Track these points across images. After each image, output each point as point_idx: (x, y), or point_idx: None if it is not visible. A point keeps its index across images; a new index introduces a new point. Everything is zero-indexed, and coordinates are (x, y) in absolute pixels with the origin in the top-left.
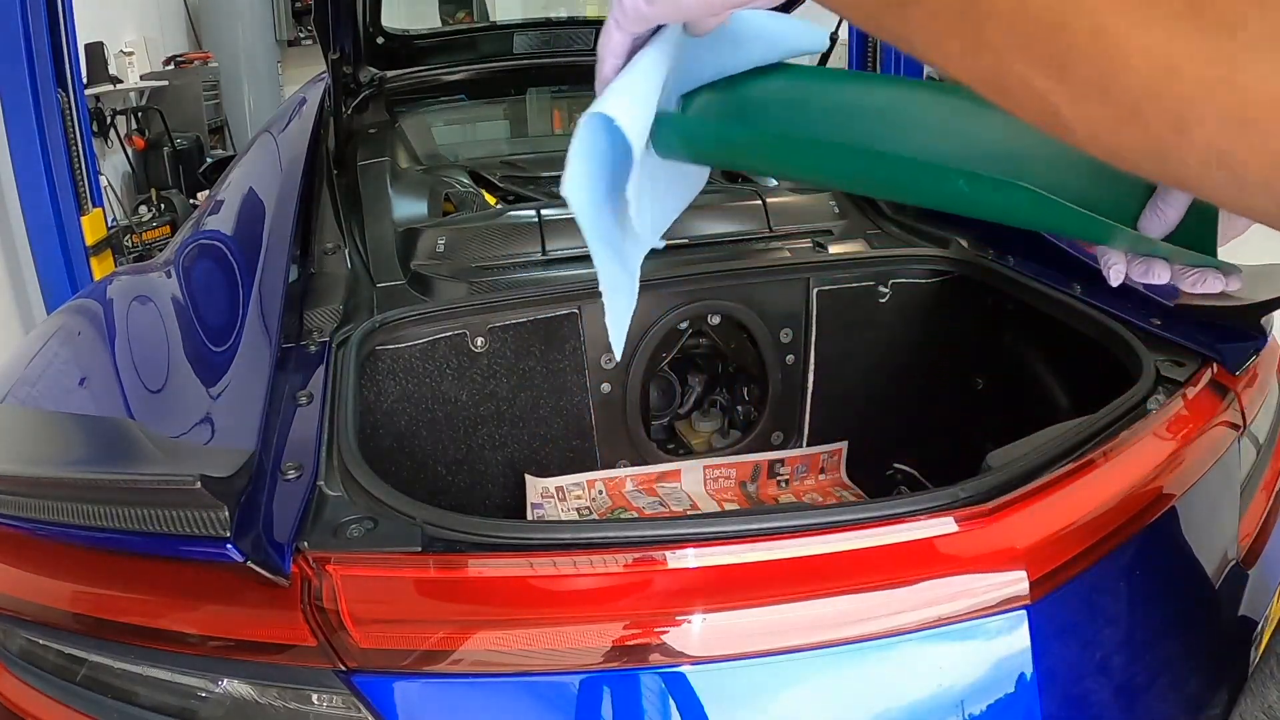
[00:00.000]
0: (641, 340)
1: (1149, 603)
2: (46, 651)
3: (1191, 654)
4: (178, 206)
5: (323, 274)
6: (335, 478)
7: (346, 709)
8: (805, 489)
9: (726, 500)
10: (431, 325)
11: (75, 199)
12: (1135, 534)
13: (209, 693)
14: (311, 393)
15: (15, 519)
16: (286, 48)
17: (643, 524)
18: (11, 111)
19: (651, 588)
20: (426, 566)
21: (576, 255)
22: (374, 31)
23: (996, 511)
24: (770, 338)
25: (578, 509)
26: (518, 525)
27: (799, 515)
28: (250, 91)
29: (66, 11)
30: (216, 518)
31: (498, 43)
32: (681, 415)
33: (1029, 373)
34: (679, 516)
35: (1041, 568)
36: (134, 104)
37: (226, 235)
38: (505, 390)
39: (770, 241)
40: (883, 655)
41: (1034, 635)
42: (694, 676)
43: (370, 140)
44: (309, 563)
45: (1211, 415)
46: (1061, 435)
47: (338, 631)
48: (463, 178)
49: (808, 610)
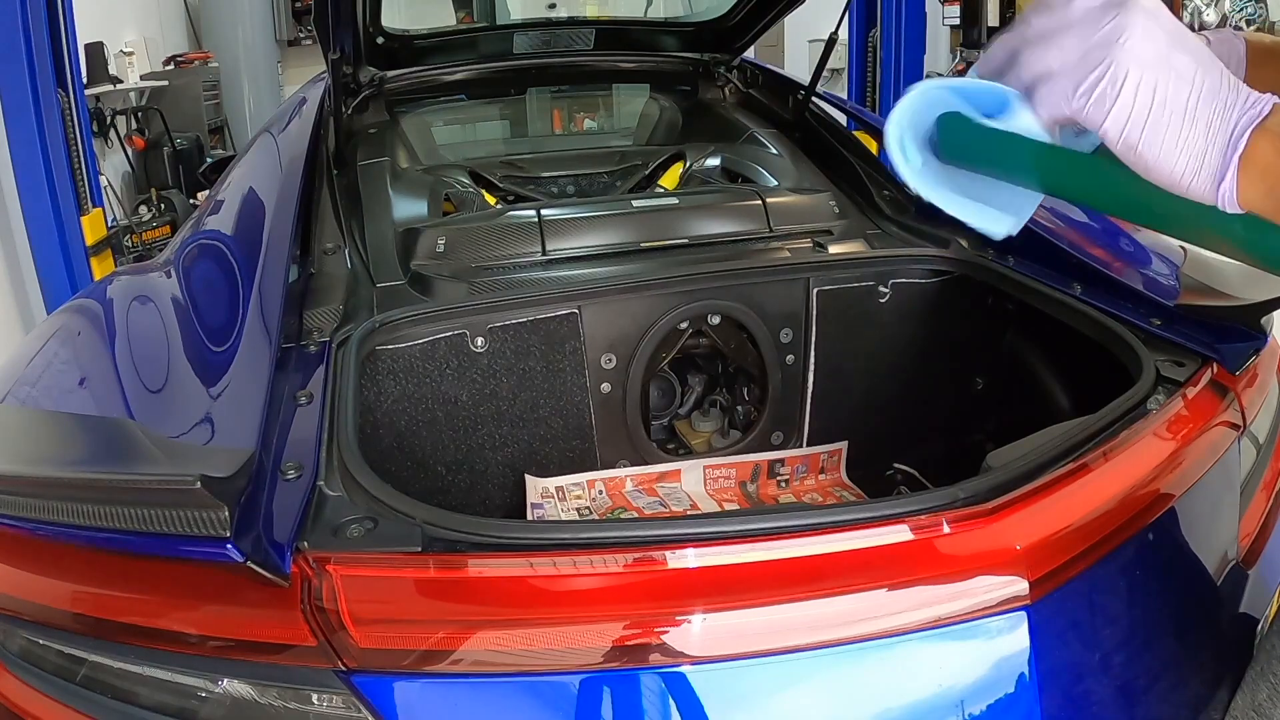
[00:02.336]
0: (641, 340)
1: (1149, 603)
2: (46, 651)
3: (1191, 654)
4: (178, 206)
5: (323, 274)
6: (335, 478)
7: (346, 709)
8: (805, 489)
9: (726, 500)
10: (431, 325)
11: (75, 199)
12: (1135, 534)
13: (209, 693)
14: (311, 393)
15: (15, 519)
16: (286, 48)
17: (643, 524)
18: (11, 111)
19: (651, 588)
20: (426, 566)
21: (576, 255)
22: (374, 31)
23: (996, 512)
24: (770, 338)
25: (578, 509)
26: (518, 525)
27: (799, 515)
28: (250, 91)
29: (66, 11)
30: (216, 518)
31: (498, 43)
32: (681, 415)
33: (1029, 373)
34: (679, 516)
35: (1041, 568)
36: (134, 104)
37: (226, 235)
38: (505, 390)
39: (770, 241)
40: (883, 655)
41: (1034, 635)
42: (694, 676)
43: (370, 140)
44: (309, 563)
45: (1211, 415)
46: (1061, 435)
47: (338, 631)
48: (463, 178)
49: (808, 610)
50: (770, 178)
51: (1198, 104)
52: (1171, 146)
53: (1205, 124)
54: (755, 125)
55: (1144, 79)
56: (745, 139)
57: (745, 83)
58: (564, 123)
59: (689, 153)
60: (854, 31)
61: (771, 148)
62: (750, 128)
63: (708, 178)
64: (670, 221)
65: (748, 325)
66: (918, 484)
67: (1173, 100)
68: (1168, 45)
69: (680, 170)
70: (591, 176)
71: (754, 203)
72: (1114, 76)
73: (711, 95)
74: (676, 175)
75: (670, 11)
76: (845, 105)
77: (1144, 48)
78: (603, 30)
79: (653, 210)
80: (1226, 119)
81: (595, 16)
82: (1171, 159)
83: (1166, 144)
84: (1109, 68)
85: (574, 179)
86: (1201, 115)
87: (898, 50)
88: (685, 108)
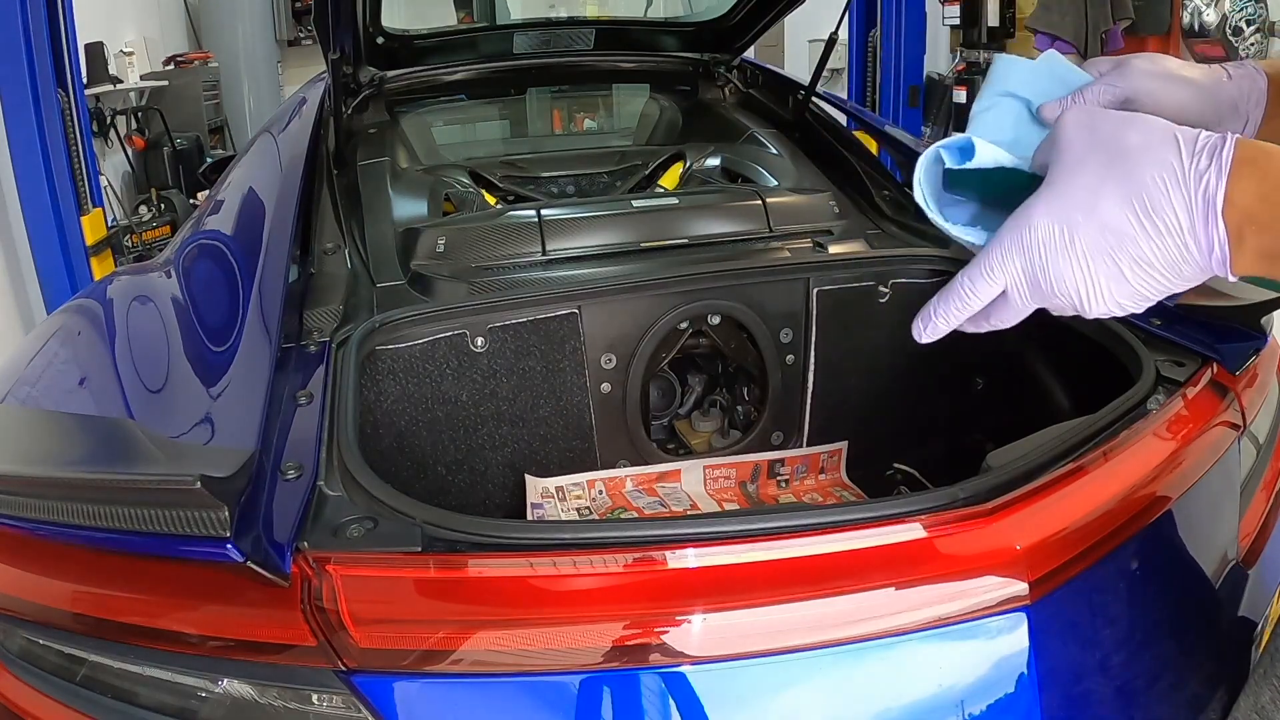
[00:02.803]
0: (641, 340)
1: (1149, 603)
2: (46, 651)
3: (1191, 654)
4: (178, 206)
5: (323, 274)
6: (335, 478)
7: (346, 709)
8: (805, 489)
9: (726, 500)
10: (431, 325)
11: (75, 199)
12: (1135, 534)
13: (209, 693)
14: (311, 393)
15: (15, 519)
16: (286, 48)
17: (643, 524)
18: (11, 111)
19: (651, 588)
20: (426, 566)
21: (576, 255)
22: (374, 31)
23: (996, 511)
24: (770, 338)
25: (578, 509)
26: (518, 525)
27: (799, 515)
28: (250, 91)
29: (66, 11)
30: (216, 518)
31: (498, 43)
32: (681, 415)
33: (1029, 373)
34: (679, 516)
35: (1041, 568)
36: (134, 104)
37: (226, 235)
38: (505, 390)
39: (770, 241)
40: (882, 655)
41: (1033, 635)
42: (694, 676)
43: (370, 140)
44: (309, 563)
45: (1211, 415)
46: (1061, 435)
47: (338, 631)
48: (463, 178)
49: (808, 610)
50: (770, 178)
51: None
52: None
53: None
54: (755, 125)
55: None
56: (745, 139)
57: (745, 83)
58: (564, 123)
59: (689, 153)
60: (854, 31)
61: (771, 148)
62: (750, 128)
63: (708, 178)
64: (670, 221)
65: (748, 325)
66: (918, 484)
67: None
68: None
69: (680, 170)
70: (591, 176)
71: (754, 203)
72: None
73: (711, 95)
74: (676, 175)
75: (670, 11)
76: (845, 105)
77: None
78: (603, 30)
79: (653, 210)
80: (1189, 201)
81: (595, 16)
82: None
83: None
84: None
85: (574, 179)
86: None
87: (898, 50)
88: (685, 108)
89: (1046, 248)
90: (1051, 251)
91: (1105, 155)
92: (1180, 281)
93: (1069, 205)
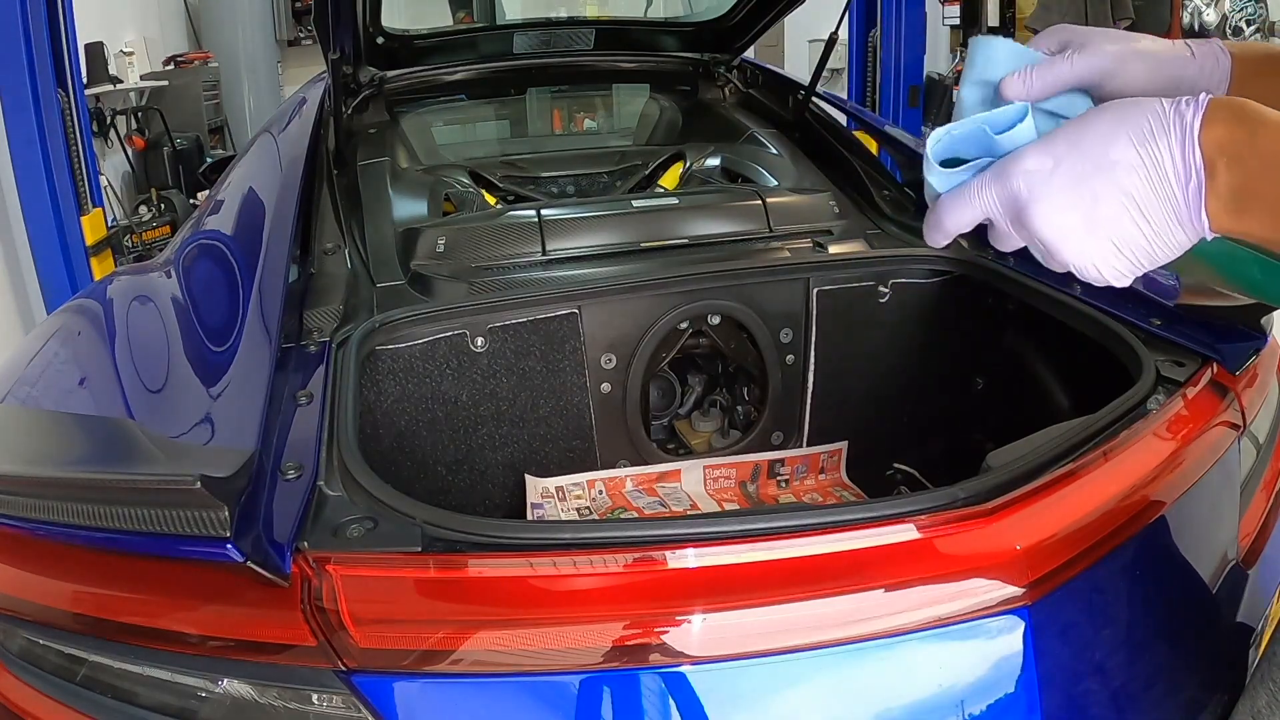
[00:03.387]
0: (641, 340)
1: (1148, 603)
2: (46, 651)
3: (1190, 655)
4: (178, 206)
5: (323, 274)
6: (335, 478)
7: (346, 709)
8: (805, 489)
9: (726, 500)
10: (431, 325)
11: (75, 199)
12: (1135, 535)
13: (209, 693)
14: (311, 393)
15: (15, 519)
16: (286, 48)
17: (643, 524)
18: (11, 111)
19: (651, 588)
20: (426, 566)
21: (576, 255)
22: (374, 31)
23: (996, 512)
24: (770, 338)
25: (578, 509)
26: (518, 525)
27: (799, 515)
28: (250, 91)
29: (66, 11)
30: (216, 518)
31: (498, 43)
32: (681, 415)
33: (1029, 373)
34: (679, 516)
35: (1040, 568)
36: (134, 104)
37: (226, 235)
38: (505, 390)
39: (770, 241)
40: (882, 655)
41: (1033, 636)
42: (694, 676)
43: (370, 140)
44: (309, 563)
45: (1211, 415)
46: (1061, 435)
47: (338, 631)
48: (463, 178)
49: (808, 610)
50: (770, 178)
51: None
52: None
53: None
54: (755, 125)
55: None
56: (745, 139)
57: (745, 83)
58: (564, 123)
59: (689, 153)
60: (854, 31)
61: (771, 148)
62: (750, 128)
63: (708, 178)
64: (670, 221)
65: (748, 325)
66: (918, 484)
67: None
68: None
69: (680, 170)
70: (591, 176)
71: (754, 203)
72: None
73: (711, 95)
74: (676, 175)
75: (670, 11)
76: (845, 105)
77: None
78: (603, 30)
79: (653, 210)
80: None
81: (595, 16)
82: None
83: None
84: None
85: (574, 179)
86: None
87: (898, 50)
88: (685, 108)
89: (1031, 178)
90: (1036, 183)
91: (1098, 113)
92: (1157, 225)
93: (1055, 141)
